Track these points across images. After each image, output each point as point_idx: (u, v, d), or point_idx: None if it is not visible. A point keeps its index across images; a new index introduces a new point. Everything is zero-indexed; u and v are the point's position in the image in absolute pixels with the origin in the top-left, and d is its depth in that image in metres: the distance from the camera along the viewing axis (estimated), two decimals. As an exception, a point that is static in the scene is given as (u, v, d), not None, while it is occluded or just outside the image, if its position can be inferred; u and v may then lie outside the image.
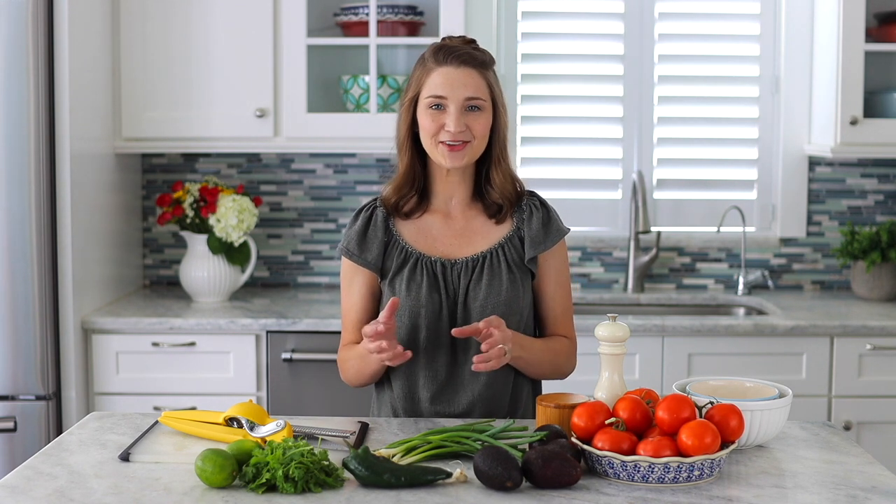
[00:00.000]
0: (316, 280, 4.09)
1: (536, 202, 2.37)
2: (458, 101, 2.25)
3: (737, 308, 3.93)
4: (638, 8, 4.02)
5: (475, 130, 2.26)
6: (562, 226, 2.38)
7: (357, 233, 2.36)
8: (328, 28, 3.88)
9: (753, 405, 2.03)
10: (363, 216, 2.37)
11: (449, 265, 2.32)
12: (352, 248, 2.35)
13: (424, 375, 2.32)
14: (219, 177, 4.03)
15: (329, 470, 1.85)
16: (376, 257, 2.34)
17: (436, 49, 2.30)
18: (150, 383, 3.47)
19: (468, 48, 2.30)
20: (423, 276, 2.31)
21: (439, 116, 2.26)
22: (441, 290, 2.30)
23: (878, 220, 4.04)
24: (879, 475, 1.94)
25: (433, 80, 2.27)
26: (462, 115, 2.25)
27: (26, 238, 3.24)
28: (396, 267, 2.33)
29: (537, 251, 2.33)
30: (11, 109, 3.21)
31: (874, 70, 3.80)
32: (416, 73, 2.31)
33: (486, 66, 2.30)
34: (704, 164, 4.08)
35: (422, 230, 2.36)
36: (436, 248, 2.35)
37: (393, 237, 2.35)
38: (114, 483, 1.88)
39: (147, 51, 3.68)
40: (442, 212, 2.37)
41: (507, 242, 2.34)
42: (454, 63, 2.26)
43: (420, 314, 2.29)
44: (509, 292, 2.30)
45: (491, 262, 2.32)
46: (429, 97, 2.27)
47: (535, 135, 4.05)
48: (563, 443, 1.91)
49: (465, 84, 2.25)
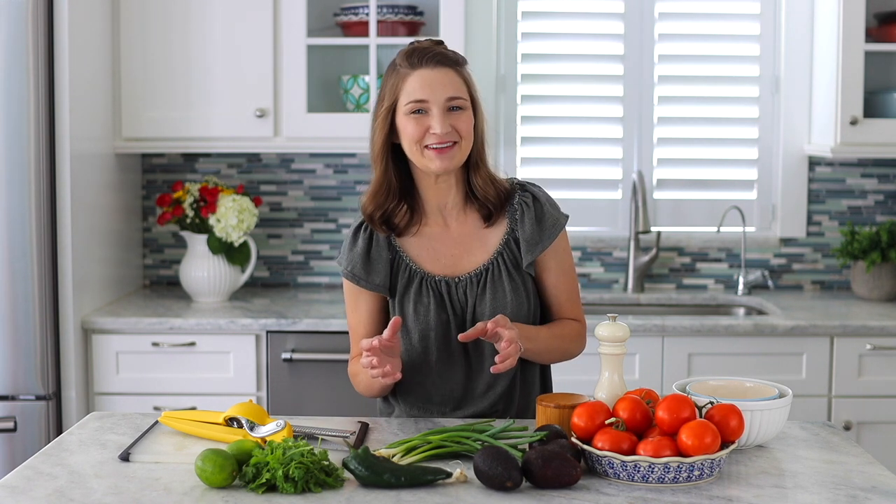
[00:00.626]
0: (316, 280, 4.09)
1: (528, 198, 2.30)
2: (440, 103, 2.18)
3: (737, 308, 3.93)
4: (638, 8, 4.02)
5: (461, 130, 2.20)
6: (559, 217, 2.31)
7: (360, 255, 2.29)
8: (328, 28, 3.88)
9: (753, 405, 2.03)
10: (363, 236, 2.30)
11: (453, 283, 2.28)
12: (357, 272, 2.29)
13: (440, 395, 2.31)
14: (219, 177, 4.03)
15: (329, 470, 1.85)
16: (384, 278, 2.29)
17: (407, 53, 2.22)
18: (150, 383, 3.47)
19: (441, 48, 2.23)
20: (430, 297, 2.27)
21: (422, 120, 2.19)
22: (448, 310, 2.27)
23: (878, 220, 4.04)
24: (879, 475, 1.94)
25: (410, 85, 2.19)
26: (446, 115, 2.18)
27: (26, 238, 3.24)
28: (403, 286, 2.29)
29: (535, 254, 2.28)
30: (11, 109, 3.21)
31: (874, 70, 3.80)
32: (390, 81, 2.23)
33: (461, 63, 2.24)
34: (704, 164, 4.08)
35: (423, 245, 2.31)
36: (439, 261, 2.30)
37: (397, 254, 2.30)
38: (114, 483, 1.88)
39: (147, 51, 3.68)
40: (439, 222, 2.31)
41: (504, 248, 2.29)
42: (430, 64, 2.19)
43: (430, 337, 2.27)
44: (513, 302, 2.27)
45: (492, 274, 2.28)
46: (409, 103, 2.19)
47: (535, 135, 4.05)
48: (563, 443, 1.91)
49: (444, 84, 2.19)
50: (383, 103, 2.24)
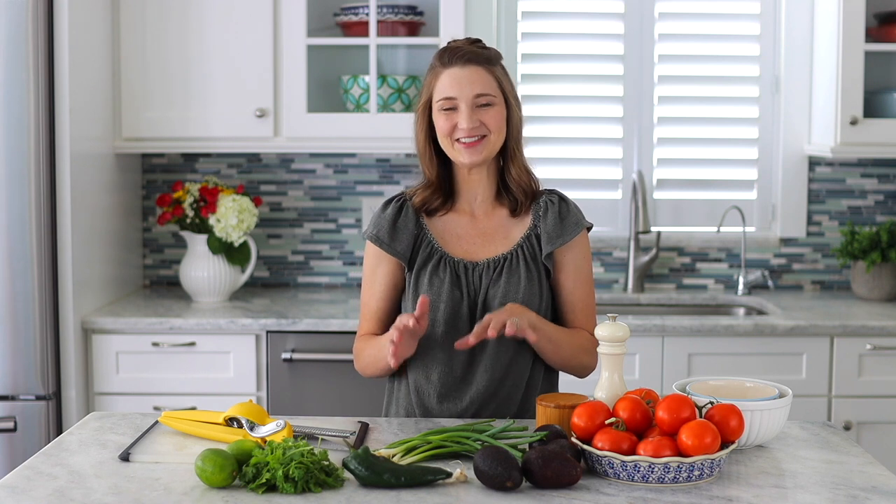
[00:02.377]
0: (316, 280, 4.09)
1: (555, 198, 2.39)
2: (467, 99, 2.29)
3: (737, 308, 3.93)
4: (638, 8, 4.02)
5: (489, 124, 2.30)
6: (582, 220, 2.39)
7: (388, 221, 2.38)
8: (328, 28, 3.88)
9: (753, 405, 2.03)
10: (394, 206, 2.40)
11: (471, 266, 2.35)
12: (382, 235, 2.37)
13: (440, 371, 2.33)
14: (219, 177, 4.03)
15: (329, 470, 1.85)
16: (406, 248, 2.36)
17: (441, 53, 2.35)
18: (150, 383, 3.47)
19: (473, 47, 2.33)
20: (447, 274, 2.33)
21: (452, 116, 2.30)
22: (462, 289, 2.33)
23: (878, 220, 4.04)
24: (879, 475, 1.94)
25: (442, 83, 2.32)
26: (473, 111, 2.29)
27: (26, 238, 3.24)
28: (422, 261, 2.35)
29: (553, 246, 2.34)
30: (11, 109, 3.21)
31: (874, 70, 3.80)
32: (427, 79, 2.36)
33: (493, 61, 2.34)
34: (704, 164, 4.08)
35: (448, 228, 2.39)
36: (460, 246, 2.37)
37: (423, 231, 2.38)
38: (114, 483, 1.88)
39: (147, 51, 3.68)
40: (467, 212, 2.40)
41: (525, 241, 2.36)
42: (459, 63, 2.31)
43: (439, 308, 2.31)
44: (527, 291, 2.32)
45: (510, 263, 2.34)
46: (440, 100, 2.31)
47: (535, 135, 4.05)
48: (563, 443, 1.91)
49: (472, 81, 2.30)
50: (420, 99, 2.37)
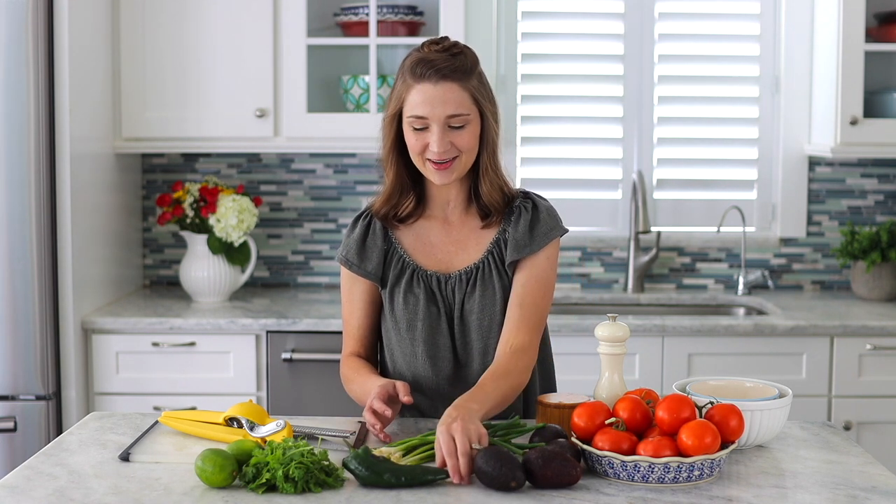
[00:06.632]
0: (316, 280, 4.09)
1: (528, 204, 2.28)
2: (439, 121, 2.15)
3: (737, 308, 3.93)
4: (638, 8, 4.02)
5: (461, 146, 2.18)
6: (555, 227, 2.28)
7: (356, 241, 2.32)
8: (328, 28, 3.88)
9: (753, 405, 2.03)
10: (361, 224, 2.33)
11: (444, 279, 2.28)
12: (351, 257, 2.32)
13: (428, 388, 2.30)
14: (219, 177, 4.03)
15: (329, 470, 1.85)
16: (376, 266, 2.30)
17: (414, 63, 2.18)
18: (150, 383, 3.47)
19: (446, 58, 2.17)
20: (421, 289, 2.28)
21: (423, 136, 2.17)
22: (439, 303, 2.28)
23: (878, 220, 4.04)
24: (879, 475, 1.94)
25: (413, 99, 2.17)
26: (445, 133, 2.16)
27: (26, 238, 3.24)
28: (394, 278, 2.30)
29: (519, 255, 2.25)
30: (11, 109, 3.21)
31: (874, 70, 3.80)
32: (397, 87, 2.21)
33: (468, 73, 2.18)
34: (704, 164, 4.08)
35: (420, 237, 2.32)
36: (433, 255, 2.30)
37: (392, 245, 2.32)
38: (114, 483, 1.88)
39: (147, 51, 3.68)
40: (440, 218, 2.32)
41: (494, 246, 2.28)
42: (432, 79, 2.15)
43: (417, 327, 2.27)
44: (503, 300, 2.27)
45: (483, 273, 2.27)
46: (410, 117, 2.18)
47: (535, 135, 4.05)
48: (563, 443, 1.91)
49: (444, 101, 2.15)
50: (389, 108, 2.24)
